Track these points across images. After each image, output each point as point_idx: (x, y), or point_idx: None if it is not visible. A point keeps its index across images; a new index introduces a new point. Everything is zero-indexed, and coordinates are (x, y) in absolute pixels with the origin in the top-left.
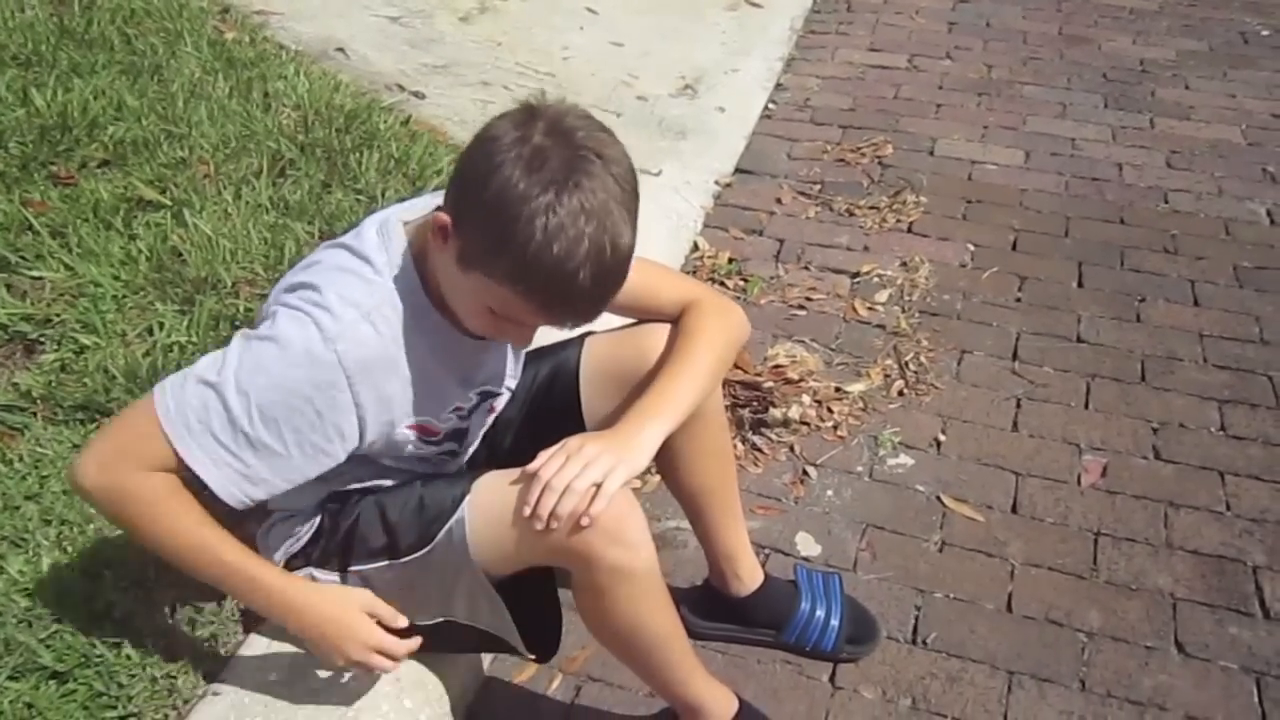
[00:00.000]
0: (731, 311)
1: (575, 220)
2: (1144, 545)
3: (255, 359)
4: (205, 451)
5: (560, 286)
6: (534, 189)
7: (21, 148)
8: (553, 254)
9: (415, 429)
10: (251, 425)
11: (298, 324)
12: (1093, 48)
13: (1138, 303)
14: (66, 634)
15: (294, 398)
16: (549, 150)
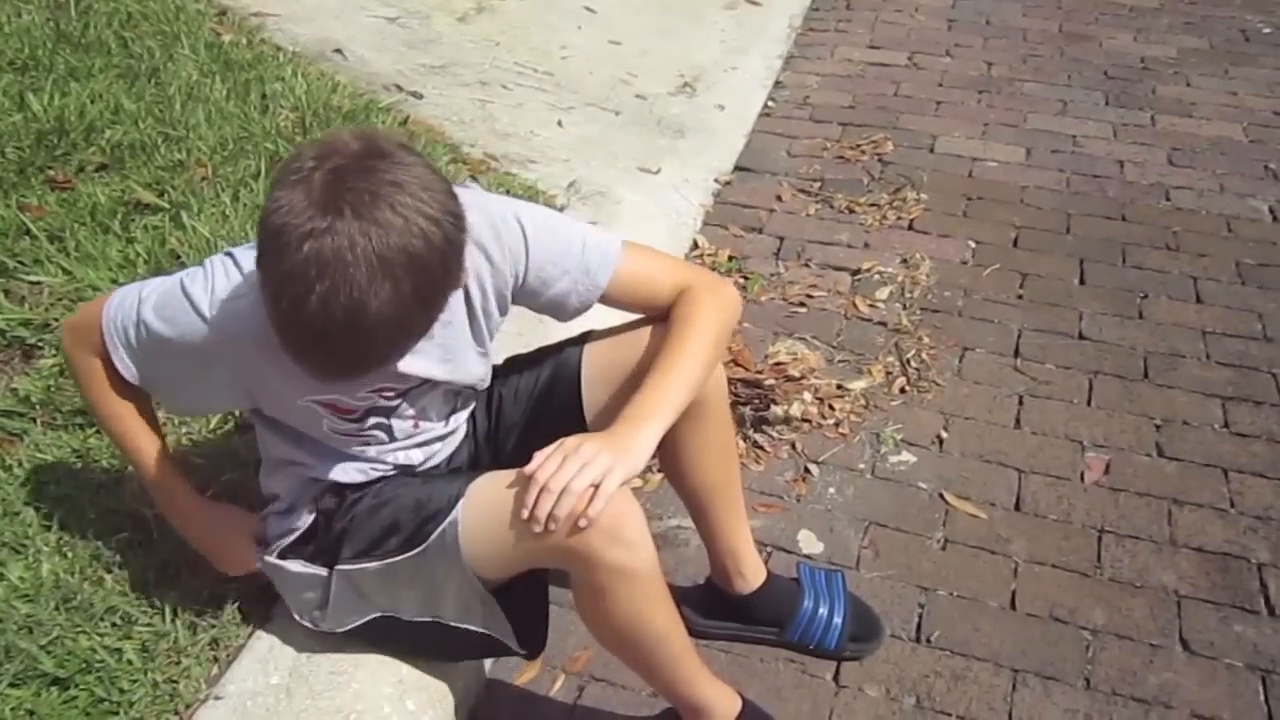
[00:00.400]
0: (722, 292)
1: (315, 278)
2: (1148, 543)
3: (167, 295)
4: (120, 353)
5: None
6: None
7: (18, 152)
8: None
9: (323, 405)
10: (150, 344)
11: (204, 278)
12: (1093, 45)
13: (1140, 300)
14: (67, 640)
15: (176, 343)
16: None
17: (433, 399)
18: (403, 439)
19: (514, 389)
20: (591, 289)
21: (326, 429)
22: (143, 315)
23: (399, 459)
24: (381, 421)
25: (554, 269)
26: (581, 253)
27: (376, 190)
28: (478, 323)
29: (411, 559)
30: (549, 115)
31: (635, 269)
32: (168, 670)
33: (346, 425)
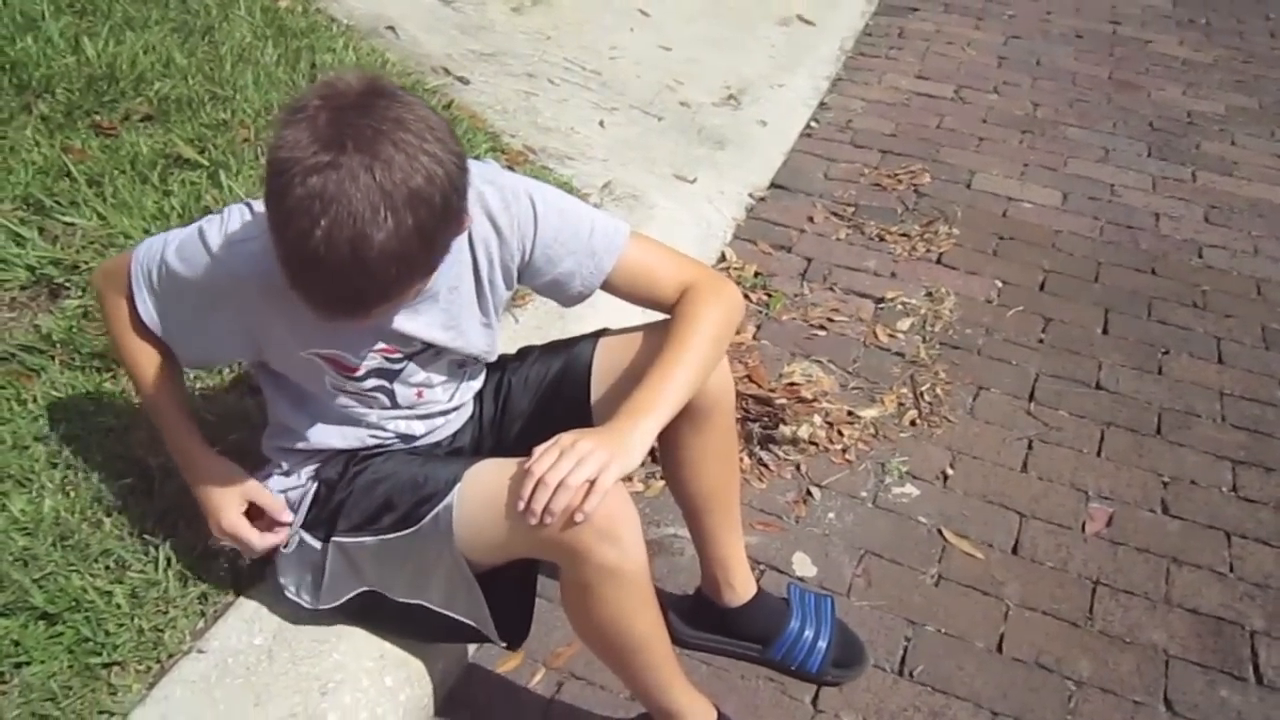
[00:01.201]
0: (725, 293)
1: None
2: (1142, 599)
3: (189, 239)
4: (143, 299)
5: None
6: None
7: (68, 94)
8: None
9: (325, 359)
10: (170, 288)
11: (221, 222)
12: (1141, 95)
13: (1161, 355)
14: (60, 577)
15: (192, 284)
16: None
17: (438, 369)
18: (405, 407)
19: (524, 378)
20: (595, 273)
21: (328, 385)
22: (165, 257)
23: (400, 428)
24: (383, 385)
25: (560, 248)
26: (589, 236)
27: (379, 127)
28: (484, 293)
29: (404, 538)
30: (592, 114)
31: (640, 259)
32: (155, 618)
33: (348, 384)
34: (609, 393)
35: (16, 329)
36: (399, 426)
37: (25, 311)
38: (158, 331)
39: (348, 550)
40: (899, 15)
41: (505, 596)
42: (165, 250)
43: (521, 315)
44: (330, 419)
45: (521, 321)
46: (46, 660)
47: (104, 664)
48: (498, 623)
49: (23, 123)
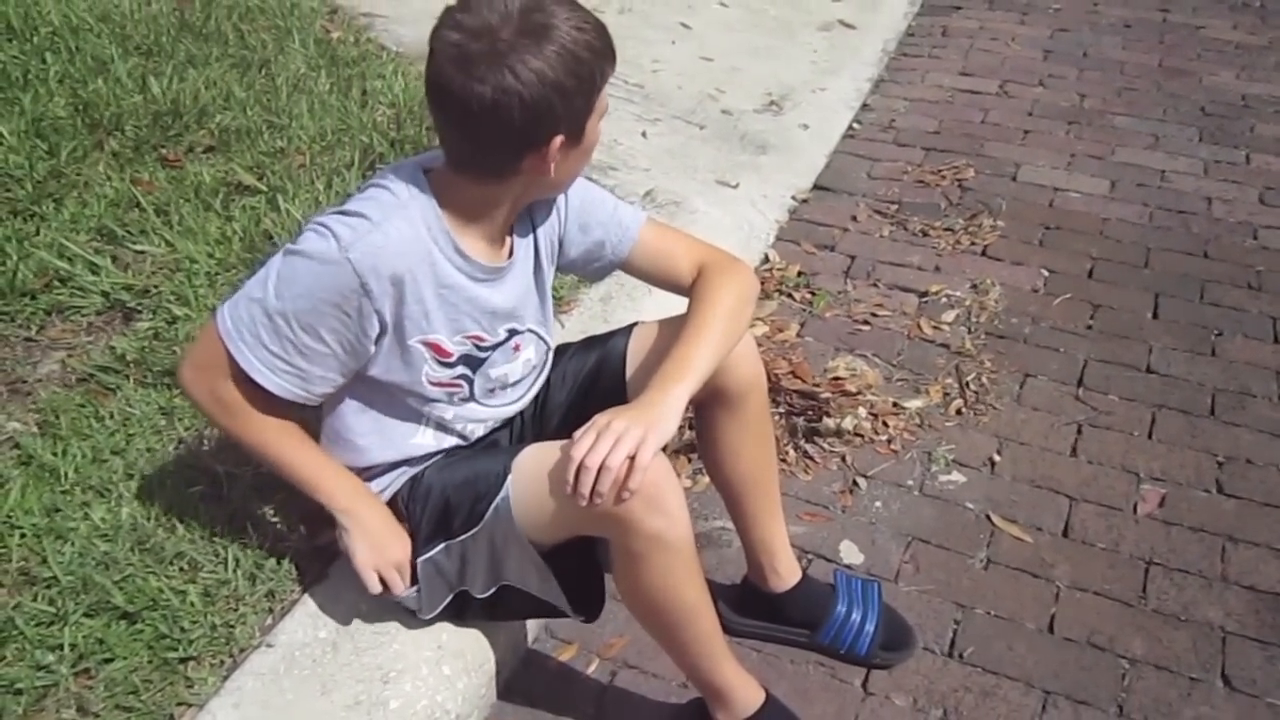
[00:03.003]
0: (738, 270)
1: (556, 21)
2: (1197, 577)
3: (289, 272)
4: (260, 361)
5: (603, 47)
6: (546, 44)
7: (136, 131)
8: (582, 28)
9: (429, 345)
10: (294, 332)
11: (320, 237)
12: (1193, 81)
13: (1214, 336)
14: (138, 579)
15: (323, 304)
16: (498, 26)
17: (514, 366)
18: (479, 399)
19: (561, 373)
20: (623, 241)
21: (426, 378)
22: (268, 306)
23: (465, 428)
24: (467, 374)
25: (589, 217)
26: (614, 209)
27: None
28: (541, 273)
29: (473, 536)
30: (634, 125)
31: (659, 238)
32: (226, 615)
33: (440, 373)
34: (644, 378)
35: (94, 350)
36: (465, 428)
37: (101, 334)
38: (275, 387)
39: (432, 562)
40: (942, 14)
41: (574, 574)
42: (267, 306)
43: (567, 320)
44: (402, 416)
45: (567, 326)
46: (128, 656)
47: (180, 659)
48: (570, 599)
49: (95, 159)
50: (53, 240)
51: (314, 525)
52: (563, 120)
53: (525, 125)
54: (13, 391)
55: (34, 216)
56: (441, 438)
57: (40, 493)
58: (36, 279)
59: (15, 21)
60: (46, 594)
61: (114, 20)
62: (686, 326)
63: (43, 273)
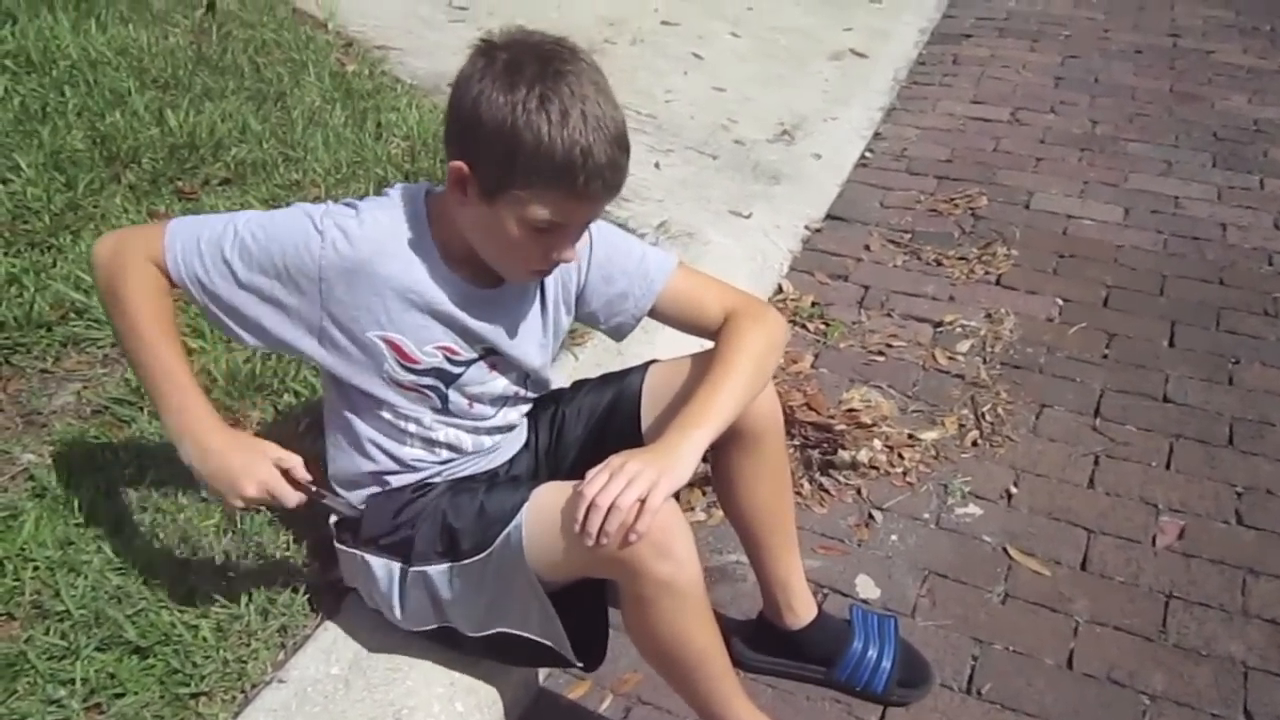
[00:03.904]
0: (768, 318)
1: (570, 103)
2: (1218, 611)
3: (267, 218)
4: (184, 246)
5: (580, 162)
6: (520, 94)
7: (153, 163)
8: (564, 136)
9: (388, 344)
10: (230, 253)
11: (310, 205)
12: (1204, 106)
13: (1231, 365)
14: (151, 613)
15: (274, 258)
16: (520, 61)
17: (493, 386)
18: (455, 414)
19: (577, 408)
20: (647, 294)
21: (387, 372)
22: (232, 222)
23: (449, 436)
24: (438, 386)
25: (613, 268)
26: (641, 259)
27: (551, 38)
28: (547, 312)
29: (479, 562)
30: (647, 156)
31: (687, 285)
32: (238, 650)
33: (405, 375)
34: (659, 417)
35: (109, 383)
36: (448, 435)
37: (116, 366)
38: (202, 296)
39: (427, 579)
40: (952, 42)
41: (579, 620)
42: (225, 217)
43: (581, 353)
44: (384, 430)
45: (581, 359)
46: (140, 691)
47: (192, 694)
48: (574, 644)
49: (113, 191)
50: (69, 272)
51: (327, 559)
52: (473, 158)
53: (453, 120)
54: (28, 423)
55: (51, 248)
56: (433, 449)
57: (54, 525)
58: (53, 311)
59: (35, 55)
60: (59, 628)
61: (132, 54)
62: (712, 370)
63: (59, 305)
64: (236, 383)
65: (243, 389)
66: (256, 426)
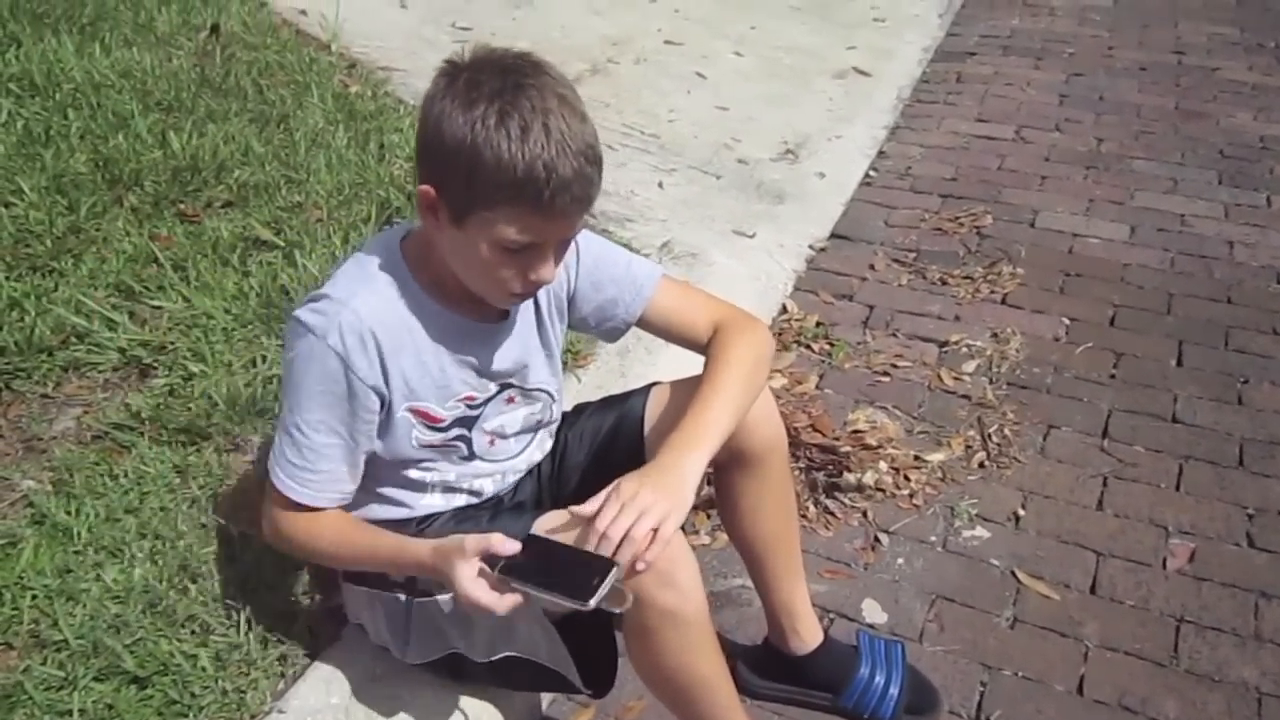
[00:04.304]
0: (754, 328)
1: (530, 118)
2: (1230, 635)
3: (288, 381)
4: (290, 478)
5: (544, 177)
6: (479, 111)
7: (155, 186)
8: (525, 152)
9: (416, 413)
10: (307, 437)
11: (297, 335)
12: (1210, 123)
13: (1240, 384)
14: (149, 642)
15: (321, 396)
16: (479, 78)
17: (511, 418)
18: (481, 455)
19: (580, 432)
20: (637, 299)
21: (415, 442)
22: (285, 423)
23: (472, 485)
24: (463, 434)
25: (602, 274)
26: (628, 265)
27: (514, 54)
28: (544, 324)
29: None
30: (651, 176)
31: (675, 295)
32: (237, 680)
33: (432, 436)
34: (663, 439)
35: (109, 408)
36: (472, 484)
37: (117, 391)
38: (308, 494)
39: (429, 609)
40: (956, 60)
41: (586, 646)
42: (284, 423)
43: (584, 375)
44: (403, 485)
45: (584, 381)
46: None
47: None
48: (581, 671)
49: (115, 215)
50: (71, 296)
51: (327, 588)
52: (438, 180)
53: (419, 143)
54: (28, 449)
55: (53, 272)
56: (451, 497)
57: (53, 553)
58: (54, 335)
59: (39, 79)
60: (56, 657)
61: (135, 76)
62: (702, 388)
63: (60, 329)
64: (237, 407)
65: (244, 413)
66: (258, 450)
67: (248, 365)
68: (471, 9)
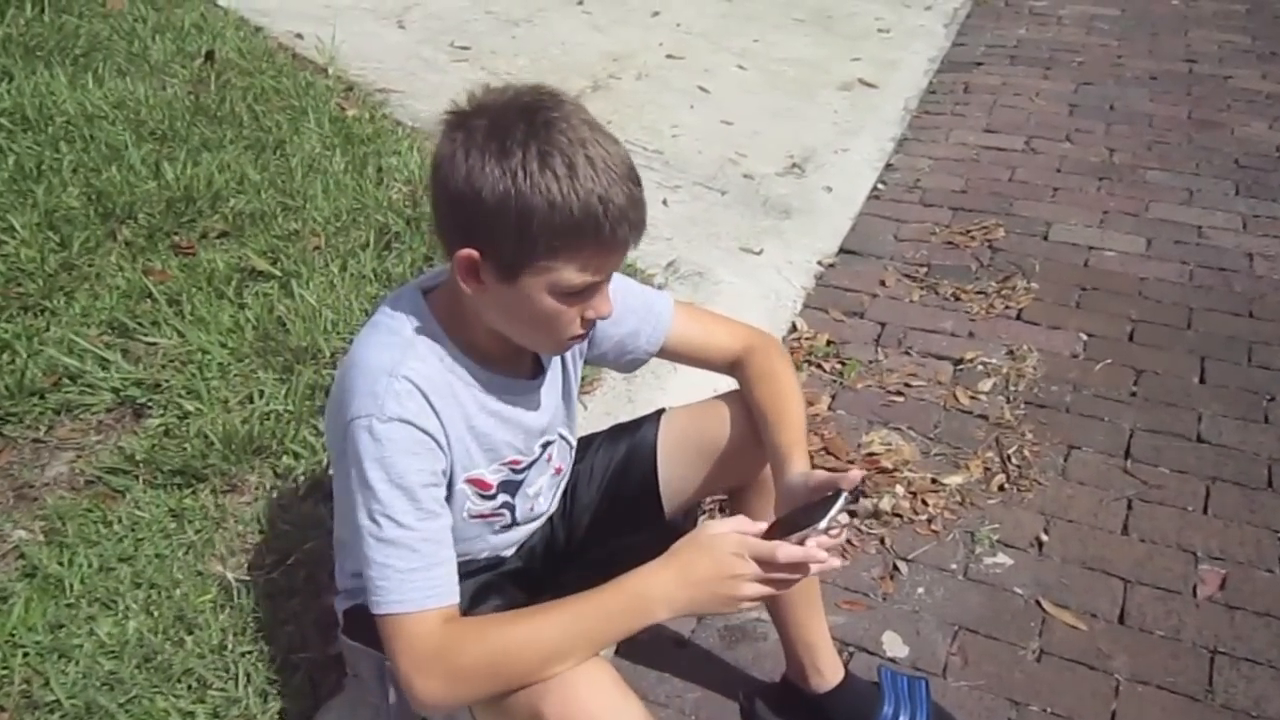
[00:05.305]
0: (782, 348)
1: (572, 152)
2: (1266, 668)
3: (362, 487)
4: (419, 589)
5: (602, 211)
6: (516, 159)
7: (149, 218)
8: (578, 189)
9: (471, 482)
10: (413, 529)
11: (363, 430)
12: (1224, 132)
13: (1266, 402)
14: (144, 699)
15: (409, 474)
16: (502, 123)
17: (548, 480)
18: (521, 521)
19: (589, 468)
20: (657, 329)
21: (466, 514)
22: (379, 534)
23: (496, 548)
24: (508, 500)
25: (621, 307)
26: (643, 295)
27: (528, 90)
28: (568, 372)
29: None
30: (654, 193)
31: (690, 319)
32: None
33: (483, 505)
34: (678, 469)
35: (102, 451)
36: (495, 547)
37: (111, 433)
38: (438, 599)
39: None
40: (963, 70)
41: None
42: (371, 540)
43: (590, 401)
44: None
45: (590, 408)
46: None
47: None
48: None
49: (108, 249)
50: (63, 336)
51: (327, 631)
52: (481, 242)
53: (446, 206)
54: (19, 497)
55: (44, 311)
56: (472, 561)
57: (44, 607)
58: (45, 378)
59: (30, 113)
60: (49, 719)
61: (129, 107)
62: (784, 404)
63: (52, 371)
64: (233, 446)
65: (240, 452)
66: (256, 491)
67: (244, 401)
68: (470, 28)
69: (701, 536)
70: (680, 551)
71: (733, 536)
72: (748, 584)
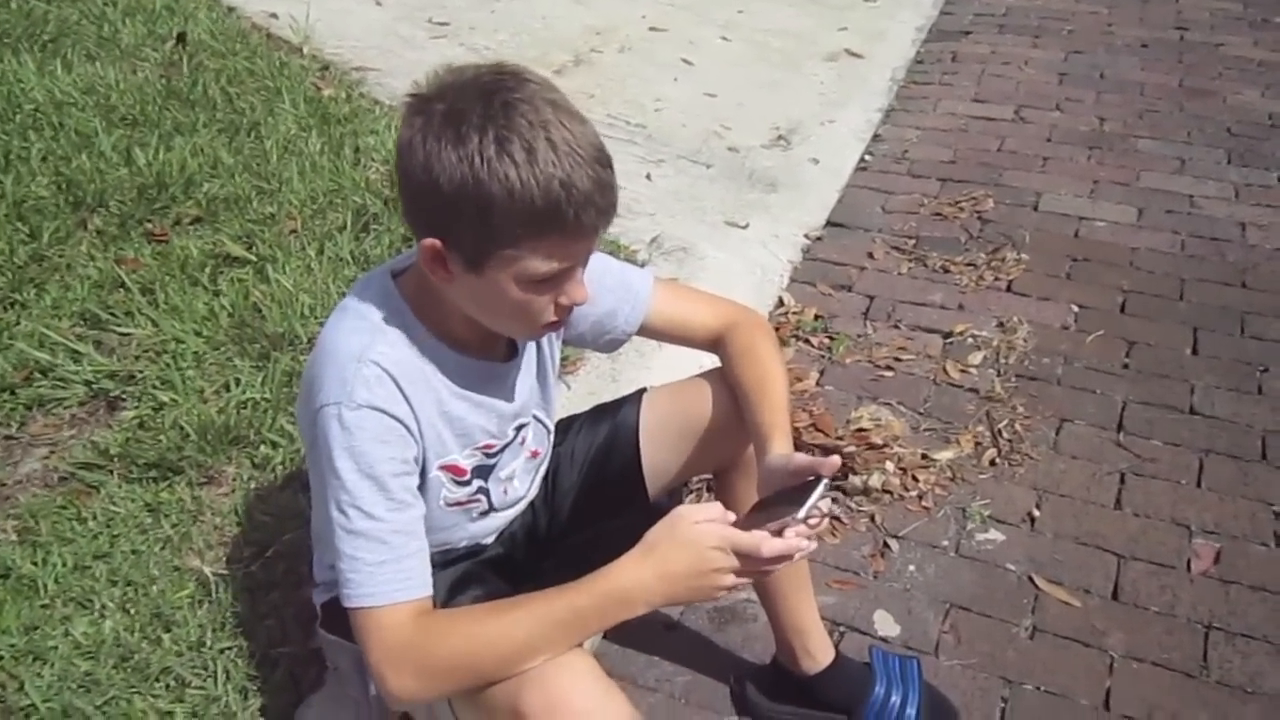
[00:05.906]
0: (765, 323)
1: (532, 135)
2: (1262, 643)
3: (332, 476)
4: (388, 583)
5: (565, 197)
6: (473, 144)
7: (120, 206)
8: (538, 175)
9: (445, 469)
10: (384, 520)
11: (320, 425)
12: (1216, 101)
13: (1259, 373)
14: (122, 700)
15: (377, 467)
16: (460, 106)
17: (522, 464)
18: (498, 506)
19: (570, 450)
20: (636, 308)
21: (443, 501)
22: (349, 526)
23: (475, 536)
24: (483, 485)
25: (597, 285)
26: (621, 273)
27: (487, 69)
28: (544, 354)
29: None
30: (638, 168)
31: (670, 296)
32: None
33: (458, 492)
34: (660, 450)
35: (75, 447)
36: (474, 544)
37: (84, 428)
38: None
39: None
40: (951, 39)
41: None
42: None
43: (574, 381)
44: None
45: (574, 388)
46: None
47: None
48: None
49: (79, 239)
50: (33, 330)
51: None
52: (443, 231)
53: (408, 193)
54: None
55: (14, 305)
56: (449, 550)
57: (18, 609)
58: (16, 372)
59: None
60: None
61: (99, 92)
62: (766, 383)
63: (23, 365)
64: (210, 437)
65: (216, 443)
66: (233, 482)
67: (220, 391)
68: (449, 3)
69: (679, 530)
70: (658, 545)
71: (713, 530)
72: (727, 576)
